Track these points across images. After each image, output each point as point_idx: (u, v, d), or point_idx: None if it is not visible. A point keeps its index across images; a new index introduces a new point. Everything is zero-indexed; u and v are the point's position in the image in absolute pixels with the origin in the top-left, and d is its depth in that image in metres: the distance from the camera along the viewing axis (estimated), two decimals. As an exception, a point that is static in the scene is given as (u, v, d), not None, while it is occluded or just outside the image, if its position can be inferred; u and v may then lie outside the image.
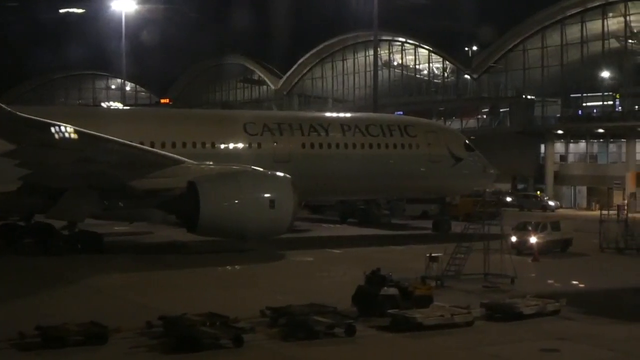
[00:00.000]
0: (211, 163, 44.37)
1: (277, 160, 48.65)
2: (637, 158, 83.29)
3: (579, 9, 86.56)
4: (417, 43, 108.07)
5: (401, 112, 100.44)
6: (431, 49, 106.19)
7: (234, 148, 48.69)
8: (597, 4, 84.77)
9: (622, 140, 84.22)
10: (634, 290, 33.19)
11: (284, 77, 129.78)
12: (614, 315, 27.49)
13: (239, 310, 25.44)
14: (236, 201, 41.17)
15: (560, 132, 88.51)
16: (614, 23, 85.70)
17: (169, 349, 21.98)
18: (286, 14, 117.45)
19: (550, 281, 36.06)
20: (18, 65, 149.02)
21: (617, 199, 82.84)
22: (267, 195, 41.63)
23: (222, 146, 48.34)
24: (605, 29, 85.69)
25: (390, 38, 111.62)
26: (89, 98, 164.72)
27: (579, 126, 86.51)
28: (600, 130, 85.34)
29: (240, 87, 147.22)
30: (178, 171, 42.29)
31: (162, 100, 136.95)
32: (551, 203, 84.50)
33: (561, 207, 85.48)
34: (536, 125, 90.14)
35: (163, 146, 46.10)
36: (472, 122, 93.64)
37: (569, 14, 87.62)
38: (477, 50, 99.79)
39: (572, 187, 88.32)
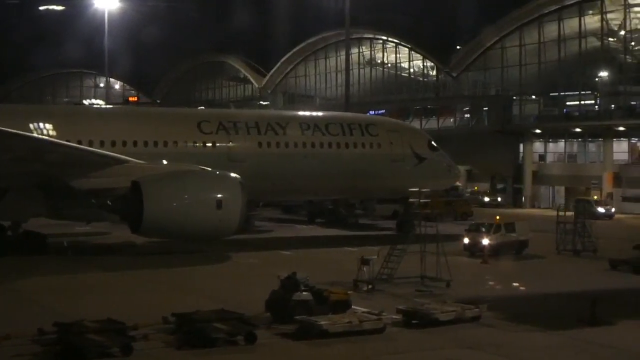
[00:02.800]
0: (165, 162, 43.70)
1: (232, 159, 47.75)
2: (615, 158, 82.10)
3: (555, 7, 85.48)
4: (397, 41, 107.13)
5: (383, 111, 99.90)
6: (411, 47, 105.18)
7: (187, 147, 47.66)
8: (574, 1, 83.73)
9: (601, 139, 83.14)
10: (571, 295, 32.17)
11: (267, 76, 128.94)
12: (538, 322, 26.52)
13: (148, 316, 24.64)
14: (181, 201, 40.25)
15: (538, 131, 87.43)
16: (591, 21, 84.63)
17: (53, 359, 21.08)
18: (272, 12, 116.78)
19: (488, 285, 35.22)
20: (5, 63, 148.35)
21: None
22: (213, 195, 40.70)
23: (174, 145, 47.32)
24: (583, 26, 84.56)
25: (372, 36, 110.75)
26: (76, 96, 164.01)
27: (557, 125, 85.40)
28: (578, 130, 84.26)
29: (226, 85, 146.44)
30: (122, 171, 41.41)
31: (131, 98, 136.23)
32: (601, 209, 71.49)
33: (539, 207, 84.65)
34: (514, 124, 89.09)
35: (113, 145, 45.19)
36: (449, 121, 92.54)
37: (546, 11, 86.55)
38: (455, 48, 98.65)
39: (551, 187, 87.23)
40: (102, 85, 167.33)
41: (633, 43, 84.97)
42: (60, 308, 27.39)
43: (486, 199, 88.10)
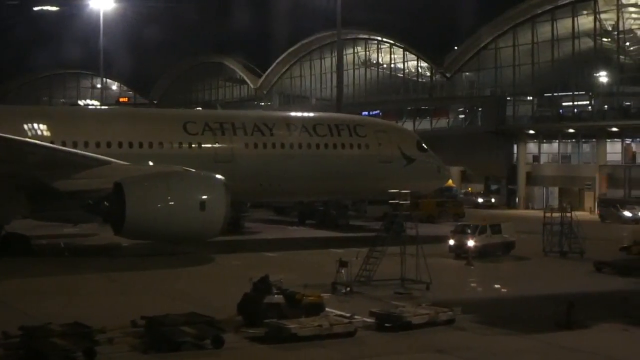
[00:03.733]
0: (151, 164, 43.54)
1: (219, 160, 47.50)
2: (609, 159, 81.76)
3: (549, 7, 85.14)
4: (392, 42, 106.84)
5: (378, 113, 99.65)
6: (405, 47, 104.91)
7: (173, 148, 47.38)
8: (567, 1, 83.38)
9: (594, 140, 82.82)
10: (550, 298, 31.78)
11: (263, 76, 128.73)
12: (513, 325, 26.20)
13: (119, 319, 24.42)
14: (163, 203, 39.93)
15: (531, 132, 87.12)
16: (585, 21, 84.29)
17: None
18: (268, 13, 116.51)
19: (470, 287, 34.93)
20: (3, 64, 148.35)
21: (588, 200, 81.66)
22: (197, 196, 40.41)
23: (160, 146, 47.06)
24: (576, 27, 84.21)
25: (366, 36, 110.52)
26: (74, 97, 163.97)
27: (550, 126, 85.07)
28: (571, 130, 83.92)
29: (223, 86, 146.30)
30: (104, 172, 41.21)
31: (121, 99, 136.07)
32: (628, 214, 69.91)
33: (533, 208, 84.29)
34: (508, 124, 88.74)
35: (98, 146, 45.01)
36: (443, 122, 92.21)
37: (539, 11, 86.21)
38: (449, 48, 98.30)
39: (544, 188, 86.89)
40: (99, 86, 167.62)
41: (628, 43, 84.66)
42: (31, 311, 27.11)
43: (480, 200, 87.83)
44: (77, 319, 23.73)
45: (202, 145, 48.06)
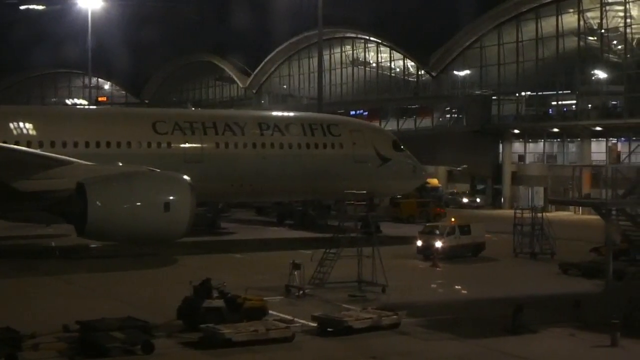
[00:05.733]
0: (113, 163, 42.96)
1: (188, 160, 46.92)
2: (594, 158, 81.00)
3: (533, 5, 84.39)
4: (379, 41, 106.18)
5: (365, 112, 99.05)
6: (391, 46, 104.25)
7: (141, 148, 46.78)
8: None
9: (579, 139, 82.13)
10: (507, 300, 31.09)
11: (252, 76, 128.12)
12: (459, 329, 25.64)
13: (57, 323, 23.82)
14: (126, 203, 39.40)
15: (516, 131, 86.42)
16: (569, 20, 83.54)
17: None
18: (258, 11, 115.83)
19: (429, 290, 34.30)
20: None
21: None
22: (161, 197, 39.85)
23: (128, 146, 46.47)
24: (560, 25, 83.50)
25: (354, 35, 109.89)
26: (65, 97, 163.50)
27: (535, 125, 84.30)
28: (556, 130, 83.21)
29: (213, 85, 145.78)
30: (66, 172, 40.69)
31: (100, 99, 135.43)
32: None
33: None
34: (492, 124, 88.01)
35: (64, 146, 44.46)
36: (428, 121, 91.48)
37: (524, 9, 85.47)
38: (435, 47, 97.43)
39: (530, 188, 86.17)
40: (91, 85, 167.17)
41: (615, 42, 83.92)
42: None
43: (465, 200, 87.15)
44: (14, 323, 23.17)
45: (172, 145, 47.46)
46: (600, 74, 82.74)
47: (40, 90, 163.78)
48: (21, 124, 44.33)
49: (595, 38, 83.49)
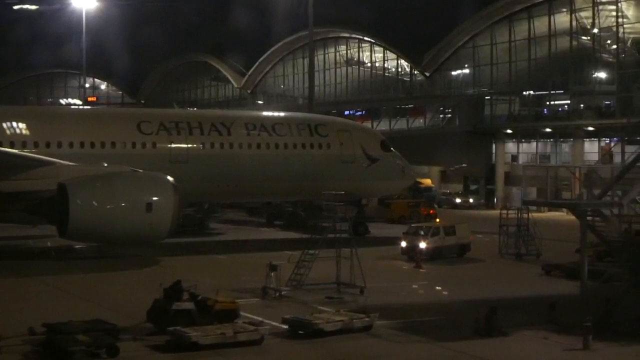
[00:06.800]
0: (97, 164, 42.74)
1: (174, 160, 46.71)
2: (586, 158, 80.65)
3: (525, 4, 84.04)
4: (372, 41, 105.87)
5: (359, 112, 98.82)
6: (384, 46, 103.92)
7: (126, 148, 46.53)
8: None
9: (572, 140, 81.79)
10: (485, 302, 30.79)
11: (246, 76, 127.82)
12: (431, 332, 25.36)
13: (20, 327, 23.61)
14: (108, 204, 39.20)
15: (509, 131, 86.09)
16: (562, 19, 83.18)
17: None
18: (253, 11, 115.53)
19: (409, 291, 33.94)
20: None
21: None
22: (143, 198, 39.65)
23: (112, 146, 46.21)
24: (553, 25, 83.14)
25: (348, 35, 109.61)
26: (61, 97, 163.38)
27: (527, 125, 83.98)
28: (548, 130, 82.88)
29: (208, 85, 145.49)
30: (48, 173, 40.51)
31: (89, 99, 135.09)
32: None
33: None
34: (485, 124, 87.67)
35: (47, 146, 44.26)
36: (421, 121, 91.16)
37: (516, 9, 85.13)
38: (428, 47, 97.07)
39: (523, 189, 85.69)
40: (87, 85, 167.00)
41: (608, 41, 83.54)
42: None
43: (457, 200, 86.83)
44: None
45: (157, 145, 47.21)
46: (594, 74, 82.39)
47: (37, 90, 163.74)
48: (4, 124, 44.07)
49: (588, 38, 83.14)
